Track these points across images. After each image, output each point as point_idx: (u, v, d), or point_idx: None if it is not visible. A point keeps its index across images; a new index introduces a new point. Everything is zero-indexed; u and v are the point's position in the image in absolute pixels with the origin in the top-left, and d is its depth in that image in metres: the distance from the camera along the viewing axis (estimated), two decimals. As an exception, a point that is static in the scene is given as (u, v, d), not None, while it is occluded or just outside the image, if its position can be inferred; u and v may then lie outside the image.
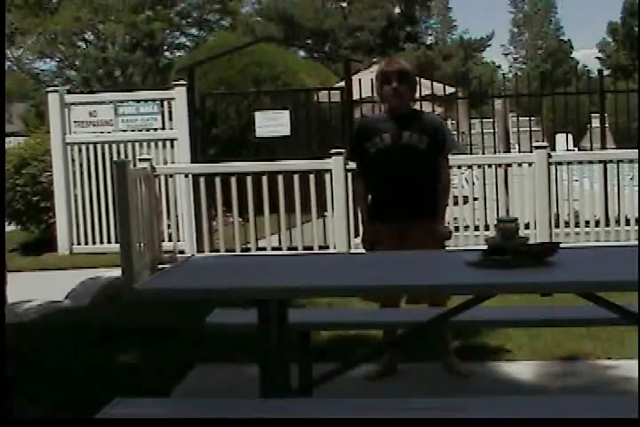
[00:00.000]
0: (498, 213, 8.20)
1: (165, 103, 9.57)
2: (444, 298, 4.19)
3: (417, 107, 4.61)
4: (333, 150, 8.24)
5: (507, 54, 55.72)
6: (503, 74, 13.60)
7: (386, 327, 4.24)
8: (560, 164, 8.15)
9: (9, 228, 10.40)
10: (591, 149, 11.51)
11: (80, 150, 9.62)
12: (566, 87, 14.59)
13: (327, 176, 8.26)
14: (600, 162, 8.41)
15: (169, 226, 8.68)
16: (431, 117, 4.65)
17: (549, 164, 7.98)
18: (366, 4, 43.71)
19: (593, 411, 2.56)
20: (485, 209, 8.19)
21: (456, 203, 8.27)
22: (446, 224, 4.99)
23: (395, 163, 4.35)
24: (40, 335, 5.52)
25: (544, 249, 3.17)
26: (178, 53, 33.43)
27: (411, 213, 4.35)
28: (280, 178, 8.16)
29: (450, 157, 4.61)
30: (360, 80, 9.65)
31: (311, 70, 15.30)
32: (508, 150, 11.84)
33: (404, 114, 4.40)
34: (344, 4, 44.47)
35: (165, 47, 34.44)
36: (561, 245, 3.20)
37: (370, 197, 4.51)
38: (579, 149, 17.50)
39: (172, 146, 9.47)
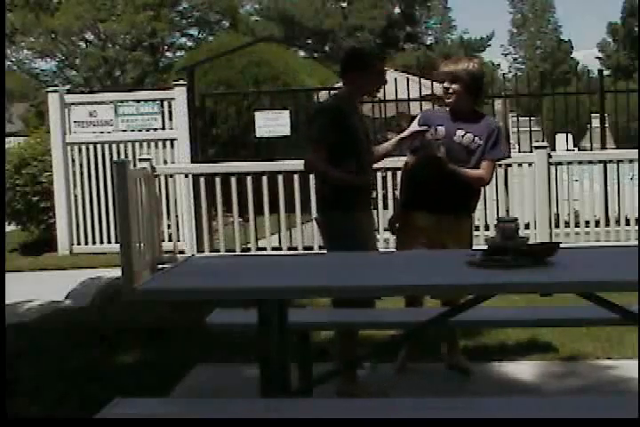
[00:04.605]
0: (498, 213, 8.19)
1: (165, 103, 9.57)
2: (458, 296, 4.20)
3: (478, 108, 4.61)
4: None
5: (506, 54, 55.81)
6: (503, 74, 13.59)
7: (385, 328, 4.24)
8: (560, 164, 8.14)
9: (9, 228, 10.42)
10: (591, 149, 11.49)
11: (80, 150, 9.62)
12: (566, 87, 14.58)
13: (327, 176, 8.24)
14: (600, 162, 8.40)
15: (169, 226, 8.68)
16: (489, 122, 4.58)
17: (549, 164, 7.97)
18: (366, 4, 43.70)
19: (593, 411, 2.56)
20: (485, 209, 8.19)
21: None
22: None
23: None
24: (40, 335, 5.52)
25: (544, 249, 3.17)
26: (178, 53, 33.40)
27: (445, 207, 4.36)
28: (280, 178, 8.15)
29: None
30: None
31: (311, 70, 15.30)
32: (507, 150, 11.81)
33: (463, 113, 4.40)
34: (344, 4, 44.45)
35: (166, 47, 34.40)
36: (561, 245, 3.20)
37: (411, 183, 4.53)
38: (579, 149, 17.49)
39: (172, 146, 9.46)
